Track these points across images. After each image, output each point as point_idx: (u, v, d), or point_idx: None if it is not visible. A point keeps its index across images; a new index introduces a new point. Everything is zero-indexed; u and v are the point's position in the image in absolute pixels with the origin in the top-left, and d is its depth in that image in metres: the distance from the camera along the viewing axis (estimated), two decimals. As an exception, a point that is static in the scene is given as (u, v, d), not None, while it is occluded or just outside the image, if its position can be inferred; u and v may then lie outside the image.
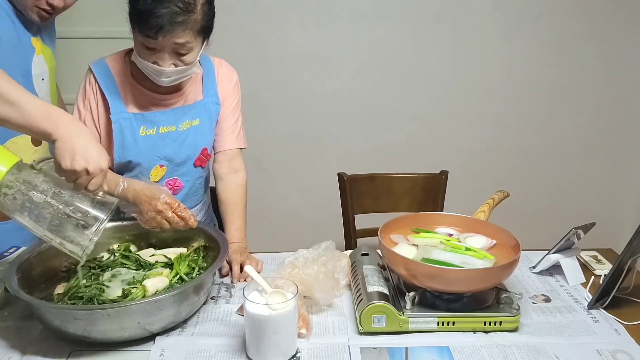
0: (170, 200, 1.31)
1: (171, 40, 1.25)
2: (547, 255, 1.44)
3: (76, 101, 1.44)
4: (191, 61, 1.32)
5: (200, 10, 1.26)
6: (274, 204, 2.72)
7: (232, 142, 1.56)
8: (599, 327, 1.21)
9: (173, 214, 1.30)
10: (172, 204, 1.30)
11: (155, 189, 1.32)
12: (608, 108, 2.69)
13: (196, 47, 1.31)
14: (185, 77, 1.37)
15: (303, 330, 1.15)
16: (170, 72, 1.32)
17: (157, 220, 1.31)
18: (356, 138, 2.68)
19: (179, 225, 1.31)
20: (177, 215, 1.30)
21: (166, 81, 1.34)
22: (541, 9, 2.52)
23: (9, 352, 1.11)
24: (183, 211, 1.31)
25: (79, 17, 2.49)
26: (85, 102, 1.42)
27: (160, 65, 1.30)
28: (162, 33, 1.23)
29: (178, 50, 1.28)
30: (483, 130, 2.70)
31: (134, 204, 1.33)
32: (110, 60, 1.43)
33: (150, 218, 1.31)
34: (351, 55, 2.57)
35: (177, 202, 1.31)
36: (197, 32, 1.28)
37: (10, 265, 1.19)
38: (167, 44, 1.26)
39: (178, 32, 1.24)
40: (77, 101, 1.44)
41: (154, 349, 1.11)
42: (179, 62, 1.31)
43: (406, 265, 1.18)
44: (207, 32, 1.33)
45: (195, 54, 1.32)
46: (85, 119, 1.42)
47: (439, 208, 1.98)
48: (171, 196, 1.32)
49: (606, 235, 1.88)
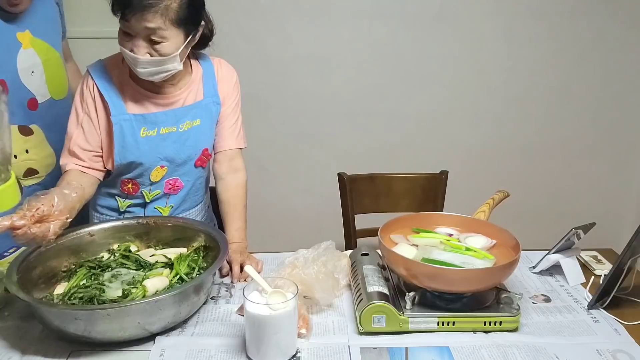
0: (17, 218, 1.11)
1: (142, 23, 1.24)
2: (547, 255, 1.44)
3: (74, 103, 1.44)
4: (166, 53, 1.30)
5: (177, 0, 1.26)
6: (274, 204, 2.72)
7: (232, 142, 1.55)
8: (599, 327, 1.21)
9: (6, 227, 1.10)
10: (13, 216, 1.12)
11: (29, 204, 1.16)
12: (608, 108, 2.69)
13: (172, 38, 1.29)
14: (163, 71, 1.34)
15: (303, 330, 1.15)
16: (145, 62, 1.30)
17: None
18: (356, 138, 2.68)
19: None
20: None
21: (143, 72, 1.33)
22: (541, 9, 2.52)
23: (9, 352, 1.11)
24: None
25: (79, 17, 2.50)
26: (83, 104, 1.42)
27: (135, 52, 1.29)
28: (132, 11, 1.23)
29: (150, 37, 1.27)
30: (483, 130, 2.70)
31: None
32: (108, 62, 1.43)
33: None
34: (351, 55, 2.57)
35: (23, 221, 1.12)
36: (172, 22, 1.26)
37: (10, 265, 1.19)
38: (139, 28, 1.26)
39: (148, 16, 1.23)
40: (75, 103, 1.44)
41: (154, 349, 1.11)
42: (153, 52, 1.29)
43: (406, 265, 1.18)
44: (187, 26, 1.31)
45: (172, 45, 1.30)
46: (82, 121, 1.42)
47: (439, 208, 1.98)
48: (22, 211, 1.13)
49: (606, 235, 1.87)
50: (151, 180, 1.48)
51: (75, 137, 1.42)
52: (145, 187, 1.49)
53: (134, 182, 1.48)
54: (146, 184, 1.49)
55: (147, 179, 1.47)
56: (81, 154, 1.41)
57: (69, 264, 1.32)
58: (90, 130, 1.42)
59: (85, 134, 1.42)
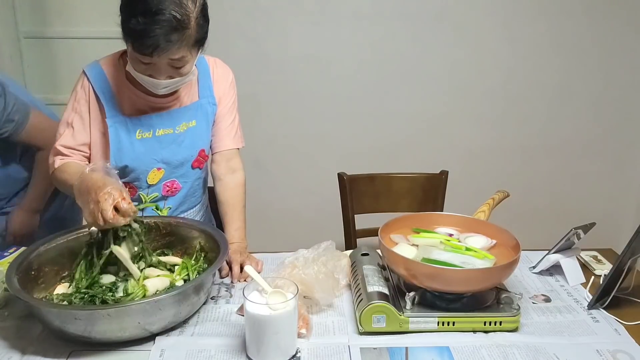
0: (114, 192, 1.14)
1: (167, 57, 1.24)
2: (547, 255, 1.44)
3: (68, 102, 1.43)
4: (187, 72, 1.32)
5: (194, 25, 1.23)
6: (274, 204, 2.72)
7: (230, 142, 1.55)
8: (599, 327, 1.21)
9: (111, 206, 1.13)
10: (113, 194, 1.14)
11: (109, 181, 1.18)
12: (608, 108, 2.69)
13: (192, 59, 1.30)
14: (181, 84, 1.37)
15: (303, 330, 1.15)
16: (167, 84, 1.32)
17: (94, 214, 1.14)
18: (356, 138, 2.68)
19: (113, 220, 1.14)
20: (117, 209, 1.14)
21: (163, 91, 1.34)
22: (541, 9, 2.52)
23: (9, 352, 1.11)
24: (123, 202, 1.14)
25: (79, 17, 2.51)
26: (76, 105, 1.41)
27: (156, 77, 1.29)
28: (157, 52, 1.22)
29: (174, 65, 1.28)
30: (483, 130, 2.70)
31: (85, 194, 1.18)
32: (104, 64, 1.42)
33: (89, 210, 1.16)
34: (351, 55, 2.57)
35: (122, 194, 1.15)
36: (192, 46, 1.26)
37: (10, 265, 1.19)
38: (162, 60, 1.26)
39: (173, 50, 1.23)
40: (69, 103, 1.43)
41: (154, 349, 1.11)
42: (175, 74, 1.30)
43: (406, 265, 1.18)
44: (202, 42, 1.31)
45: (191, 64, 1.31)
46: (73, 121, 1.41)
47: (439, 208, 1.98)
48: (118, 189, 1.16)
49: (606, 235, 1.87)
50: (148, 182, 1.47)
51: (63, 136, 1.41)
52: (143, 190, 1.48)
53: (131, 185, 1.47)
54: (143, 187, 1.48)
55: (144, 182, 1.47)
56: (66, 151, 1.41)
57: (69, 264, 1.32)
58: (79, 130, 1.41)
59: (74, 132, 1.41)
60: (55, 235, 1.33)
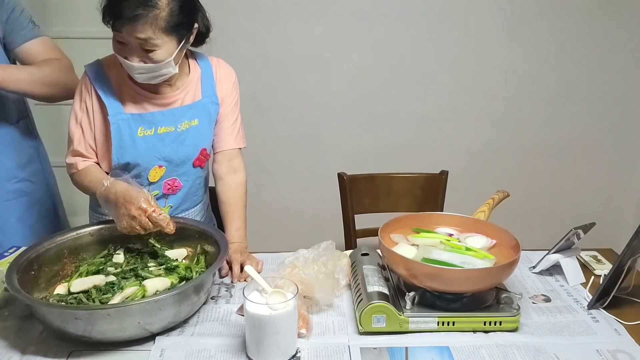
0: (146, 205, 1.26)
1: (133, 34, 1.24)
2: (547, 255, 1.44)
3: (73, 103, 1.44)
4: (160, 59, 1.30)
5: (166, 8, 1.24)
6: (274, 204, 2.72)
7: (232, 142, 1.55)
8: (599, 327, 1.21)
9: (147, 220, 1.26)
10: (146, 209, 1.26)
11: (135, 192, 1.28)
12: (608, 108, 2.69)
13: (163, 45, 1.28)
14: (159, 76, 1.35)
15: (303, 330, 1.15)
16: (140, 69, 1.30)
17: (132, 225, 1.28)
18: (356, 138, 2.68)
19: (154, 230, 1.29)
20: (151, 221, 1.27)
21: (140, 77, 1.34)
22: (541, 9, 2.52)
23: (9, 352, 1.11)
24: (158, 217, 1.27)
25: (79, 17, 2.51)
26: (82, 104, 1.42)
27: (129, 60, 1.30)
28: (122, 24, 1.23)
29: (143, 47, 1.27)
30: (483, 130, 2.70)
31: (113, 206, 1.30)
32: (105, 61, 1.43)
33: (126, 223, 1.28)
34: (351, 55, 2.57)
35: (153, 208, 1.27)
36: (162, 30, 1.26)
37: (10, 265, 1.19)
38: (131, 38, 1.26)
39: (138, 27, 1.23)
40: (74, 103, 1.44)
41: (154, 349, 1.11)
42: (146, 59, 1.29)
43: (406, 265, 1.18)
44: (179, 32, 1.30)
45: (164, 52, 1.29)
46: (81, 120, 1.42)
47: (439, 208, 1.98)
48: (149, 201, 1.27)
49: (606, 235, 1.88)
50: (149, 180, 1.47)
51: (78, 137, 1.43)
52: (144, 187, 1.49)
53: None
54: (144, 185, 1.48)
55: (145, 180, 1.47)
56: (86, 151, 1.43)
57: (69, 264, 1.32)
58: (87, 129, 1.43)
59: (85, 131, 1.43)
60: (55, 235, 1.33)
